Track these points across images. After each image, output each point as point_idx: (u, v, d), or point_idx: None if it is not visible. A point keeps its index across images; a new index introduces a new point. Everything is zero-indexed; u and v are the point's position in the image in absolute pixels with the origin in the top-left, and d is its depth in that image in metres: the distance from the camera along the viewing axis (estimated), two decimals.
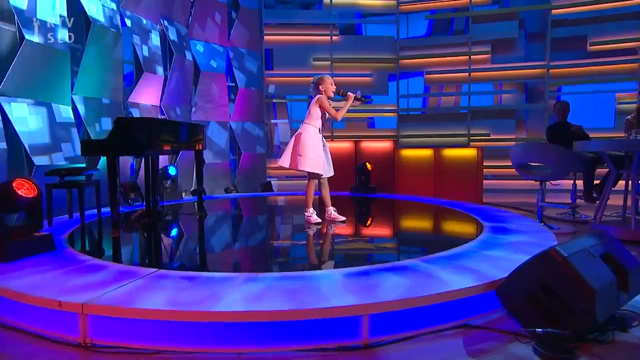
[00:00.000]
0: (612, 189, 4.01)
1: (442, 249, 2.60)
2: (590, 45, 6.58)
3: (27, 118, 4.08)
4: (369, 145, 6.50)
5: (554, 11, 6.62)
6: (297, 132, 3.65)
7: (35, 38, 4.13)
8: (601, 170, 4.47)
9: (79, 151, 4.33)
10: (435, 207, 4.76)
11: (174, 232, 3.57)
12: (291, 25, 7.66)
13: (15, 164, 3.99)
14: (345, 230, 3.51)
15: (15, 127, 3.92)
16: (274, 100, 7.84)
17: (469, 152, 5.82)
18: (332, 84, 3.60)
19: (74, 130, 4.60)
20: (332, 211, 3.75)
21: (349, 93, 3.58)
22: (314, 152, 3.55)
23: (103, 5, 5.03)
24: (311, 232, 3.39)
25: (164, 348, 1.62)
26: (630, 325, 1.87)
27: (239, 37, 7.29)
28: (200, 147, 4.06)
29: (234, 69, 7.25)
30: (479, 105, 7.18)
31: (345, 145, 6.55)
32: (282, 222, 4.22)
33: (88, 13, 4.74)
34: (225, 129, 7.16)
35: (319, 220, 3.67)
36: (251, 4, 7.38)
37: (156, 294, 1.79)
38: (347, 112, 3.75)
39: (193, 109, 6.74)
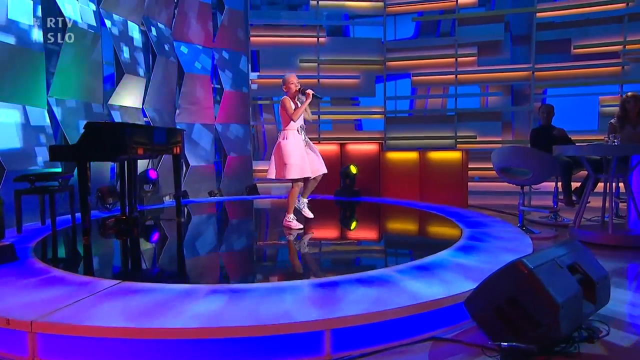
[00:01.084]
0: (594, 191, 4.03)
1: (417, 257, 2.57)
2: (574, 49, 6.60)
3: None
4: (355, 147, 6.46)
5: (538, 14, 6.63)
6: (277, 142, 3.63)
7: (7, 39, 4.03)
8: (583, 172, 4.48)
9: None
10: (417, 211, 4.73)
11: (146, 239, 3.49)
12: (278, 27, 7.60)
13: None
14: (322, 236, 3.47)
15: None
16: (260, 102, 7.77)
17: (454, 155, 5.81)
18: (293, 83, 3.58)
19: (50, 134, 4.50)
20: (304, 202, 3.72)
21: (307, 91, 3.55)
22: (297, 158, 3.52)
23: (81, 6, 4.93)
24: (287, 239, 3.34)
25: None
26: (598, 336, 1.85)
27: (225, 38, 7.21)
28: (178, 151, 3.99)
29: (219, 70, 7.17)
30: (466, 108, 7.18)
31: (331, 148, 6.50)
32: (260, 228, 4.16)
33: (65, 14, 4.64)
34: (210, 131, 7.08)
35: (300, 225, 3.63)
36: (236, 5, 7.31)
37: (114, 309, 1.73)
38: (336, 115, 3.72)
39: (177, 111, 6.65)
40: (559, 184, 4.60)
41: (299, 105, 3.62)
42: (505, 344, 1.68)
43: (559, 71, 6.73)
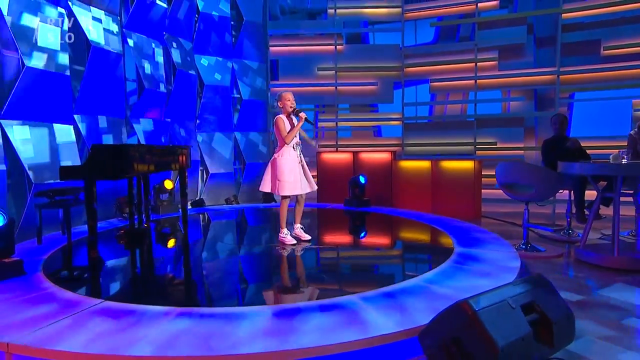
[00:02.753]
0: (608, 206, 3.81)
1: (393, 281, 2.59)
2: (604, 50, 6.22)
3: (28, 140, 4.38)
4: (368, 156, 6.47)
5: (564, 15, 6.30)
6: (272, 157, 3.74)
7: (36, 64, 4.42)
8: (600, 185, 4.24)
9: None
10: (418, 224, 4.67)
11: (143, 254, 3.62)
12: (296, 36, 7.73)
13: (16, 184, 4.29)
14: (308, 254, 3.53)
15: (16, 149, 4.22)
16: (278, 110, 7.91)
17: (467, 165, 5.67)
18: (289, 100, 3.67)
19: (75, 149, 4.88)
20: (298, 228, 3.83)
21: (300, 114, 3.62)
22: (290, 175, 3.62)
23: (104, 29, 5.28)
24: (274, 257, 3.44)
25: None
26: None
27: (244, 49, 7.43)
28: (183, 166, 4.20)
29: (238, 81, 7.40)
30: (487, 113, 6.96)
31: (345, 157, 6.54)
32: (253, 242, 4.21)
33: (88, 37, 5.00)
34: (229, 139, 7.33)
35: (294, 241, 3.72)
36: (255, 17, 7.49)
37: (85, 332, 1.91)
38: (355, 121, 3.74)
39: (198, 121, 6.95)
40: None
41: (295, 123, 3.71)
42: None
43: (587, 74, 6.36)
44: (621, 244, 3.71)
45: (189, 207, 6.16)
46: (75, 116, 4.97)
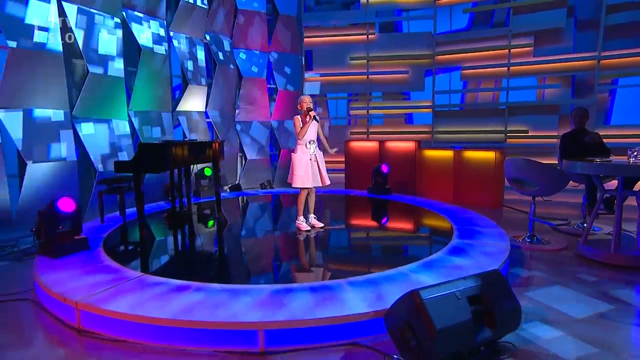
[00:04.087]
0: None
1: (384, 267, 2.97)
2: None
3: (92, 134, 5.18)
4: (393, 145, 6.71)
5: None
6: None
7: (98, 70, 5.16)
8: (611, 183, 4.23)
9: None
10: (429, 213, 4.92)
11: (181, 234, 4.23)
12: (330, 27, 7.97)
13: (85, 172, 5.14)
14: (318, 238, 3.97)
15: (84, 142, 5.03)
16: (313, 98, 8.30)
17: (489, 155, 5.75)
18: (305, 102, 4.07)
19: (129, 141, 5.65)
20: (312, 218, 4.28)
21: (310, 112, 4.01)
22: (302, 169, 4.08)
23: (152, 33, 5.93)
24: (285, 241, 3.94)
25: (130, 339, 2.34)
26: (498, 357, 2.12)
27: (279, 42, 7.83)
28: (216, 157, 4.77)
29: (274, 72, 7.85)
30: (520, 101, 6.86)
31: (371, 145, 6.83)
32: (273, 226, 4.70)
33: (139, 42, 5.67)
34: (266, 127, 7.87)
35: (308, 227, 4.21)
36: (290, 10, 7.83)
37: (128, 297, 2.52)
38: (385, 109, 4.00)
39: (237, 111, 7.55)
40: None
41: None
42: (396, 357, 2.09)
43: (632, 58, 6.05)
44: (627, 240, 3.78)
45: (228, 190, 6.83)
46: (130, 112, 5.72)
